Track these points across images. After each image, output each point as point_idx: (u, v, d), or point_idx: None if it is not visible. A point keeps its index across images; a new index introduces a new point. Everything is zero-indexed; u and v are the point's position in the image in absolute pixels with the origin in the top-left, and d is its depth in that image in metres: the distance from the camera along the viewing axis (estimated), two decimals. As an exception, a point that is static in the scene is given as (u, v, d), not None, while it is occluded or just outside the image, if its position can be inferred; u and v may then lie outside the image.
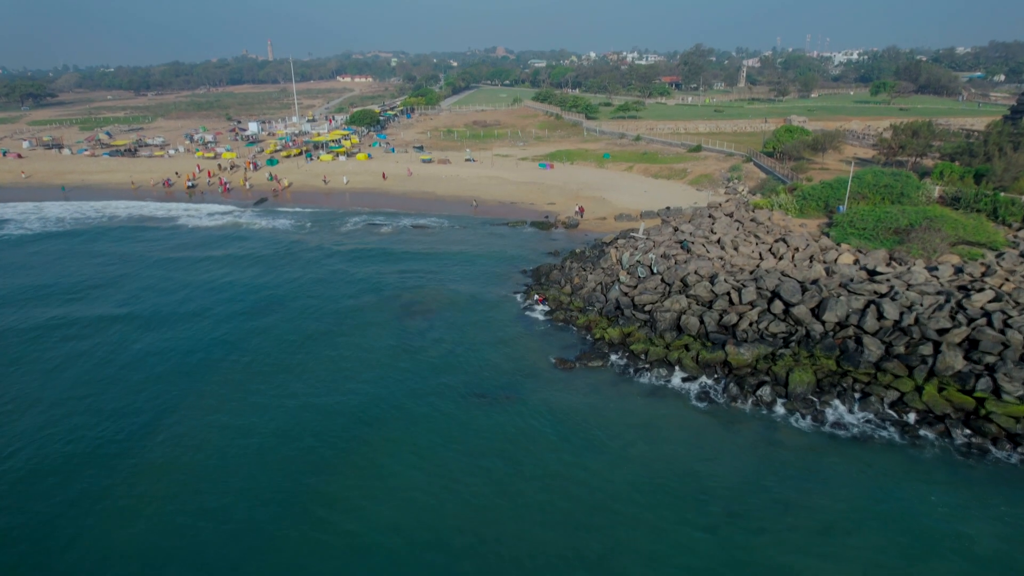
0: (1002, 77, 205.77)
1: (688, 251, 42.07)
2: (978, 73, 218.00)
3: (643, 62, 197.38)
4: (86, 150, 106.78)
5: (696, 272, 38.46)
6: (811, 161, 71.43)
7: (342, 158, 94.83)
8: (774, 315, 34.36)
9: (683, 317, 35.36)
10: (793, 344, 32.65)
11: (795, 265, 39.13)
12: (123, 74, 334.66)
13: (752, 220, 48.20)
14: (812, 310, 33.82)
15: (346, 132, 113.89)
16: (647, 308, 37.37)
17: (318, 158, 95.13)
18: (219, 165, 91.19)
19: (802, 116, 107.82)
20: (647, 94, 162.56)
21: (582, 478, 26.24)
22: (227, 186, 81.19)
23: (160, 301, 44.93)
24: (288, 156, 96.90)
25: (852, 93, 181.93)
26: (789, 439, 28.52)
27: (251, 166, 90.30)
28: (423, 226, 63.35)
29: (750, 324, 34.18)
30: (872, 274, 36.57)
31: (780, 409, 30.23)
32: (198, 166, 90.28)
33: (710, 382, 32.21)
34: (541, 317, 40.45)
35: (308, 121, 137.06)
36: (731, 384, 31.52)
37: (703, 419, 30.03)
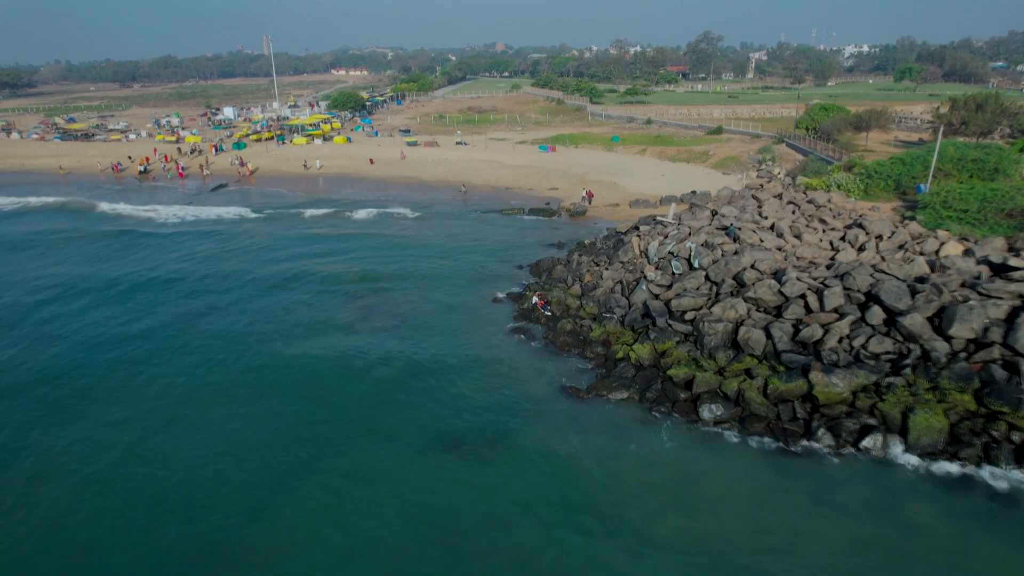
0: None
1: (736, 239, 31.90)
2: (1000, 63, 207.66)
3: (649, 49, 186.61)
4: (35, 134, 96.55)
5: (754, 267, 28.29)
6: (853, 142, 61.28)
7: (318, 141, 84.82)
8: (873, 327, 24.19)
9: (742, 329, 25.19)
10: (906, 370, 22.49)
11: (883, 258, 28.97)
12: (111, 67, 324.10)
13: (810, 202, 38.02)
14: (930, 320, 23.64)
15: (327, 116, 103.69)
16: (688, 316, 27.20)
17: (291, 142, 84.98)
18: (179, 149, 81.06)
19: (825, 103, 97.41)
20: (654, 81, 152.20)
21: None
22: (183, 171, 71.20)
23: (23, 304, 34.80)
24: (259, 140, 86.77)
25: (871, 81, 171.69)
26: (918, 519, 18.43)
27: (214, 150, 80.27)
28: (401, 215, 53.17)
29: (839, 340, 24.02)
30: (1000, 269, 26.40)
31: (898, 469, 20.14)
32: (155, 150, 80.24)
33: (787, 426, 22.11)
34: (541, 328, 30.36)
35: (290, 107, 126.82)
36: (819, 430, 21.41)
37: (778, 484, 19.94)
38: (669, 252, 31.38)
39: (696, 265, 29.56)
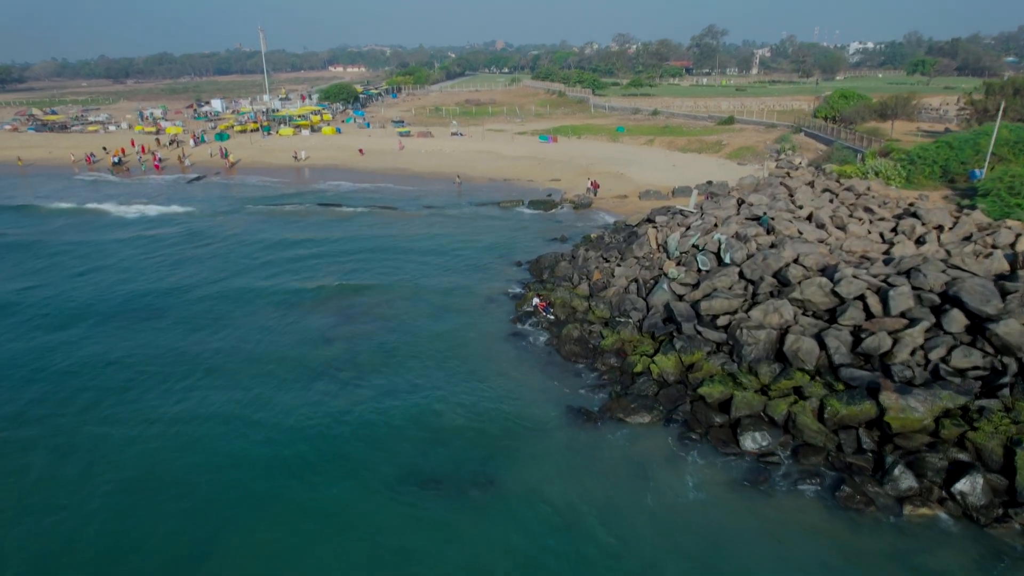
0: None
1: (770, 231, 27.30)
2: (1011, 58, 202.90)
3: (652, 43, 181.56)
4: (8, 125, 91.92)
5: (798, 262, 23.69)
6: (878, 131, 56.64)
7: (305, 132, 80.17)
8: (954, 336, 19.59)
9: (789, 338, 20.60)
10: (1003, 391, 17.89)
11: (949, 252, 24.37)
12: (104, 64, 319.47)
13: (847, 190, 33.44)
14: (1027, 328, 19.02)
15: (318, 108, 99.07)
16: (721, 321, 22.60)
17: (277, 132, 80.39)
18: (157, 140, 76.49)
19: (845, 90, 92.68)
20: (658, 75, 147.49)
21: None
22: (160, 163, 66.67)
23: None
24: (244, 131, 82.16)
25: (881, 75, 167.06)
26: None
27: (193, 141, 75.77)
28: (389, 208, 48.57)
29: (912, 352, 19.43)
30: (1098, 265, 21.80)
31: (1004, 525, 15.56)
32: (132, 141, 75.55)
33: (851, 459, 17.54)
34: (543, 335, 25.78)
35: (281, 99, 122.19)
36: (896, 468, 16.82)
37: (845, 545, 15.36)
38: (693, 245, 26.77)
39: (727, 260, 24.94)
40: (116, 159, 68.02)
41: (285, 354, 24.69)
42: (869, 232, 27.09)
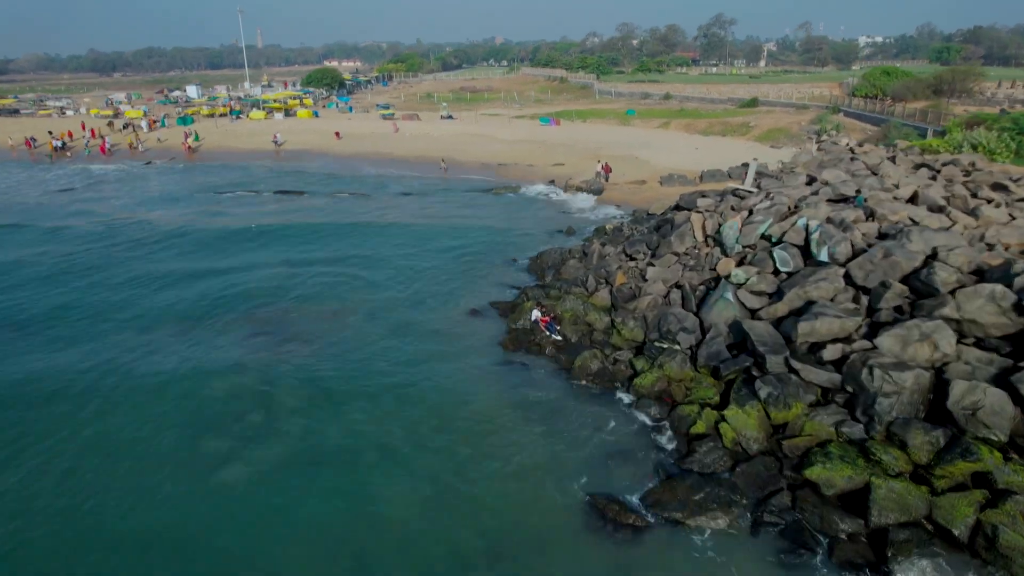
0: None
1: (871, 215, 19.12)
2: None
3: (660, 28, 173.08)
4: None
5: (939, 258, 15.48)
6: (938, 107, 48.53)
7: (279, 116, 71.99)
8: None
9: (955, 387, 12.44)
10: None
11: None
12: (93, 57, 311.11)
13: (949, 165, 25.27)
14: None
15: (298, 93, 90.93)
16: (828, 353, 14.38)
17: (248, 116, 72.25)
18: (110, 124, 68.28)
19: (886, 67, 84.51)
20: (666, 62, 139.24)
21: None
22: (109, 147, 58.60)
23: None
24: (212, 115, 73.97)
25: (900, 65, 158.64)
26: None
27: (154, 124, 67.68)
28: (360, 195, 40.49)
29: None
30: None
31: None
32: (82, 124, 67.33)
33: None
34: (546, 365, 17.66)
35: (263, 87, 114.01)
36: None
37: None
38: (763, 236, 18.60)
39: (822, 257, 16.75)
40: (60, 143, 59.84)
41: (169, 395, 16.54)
42: (1013, 217, 18.95)
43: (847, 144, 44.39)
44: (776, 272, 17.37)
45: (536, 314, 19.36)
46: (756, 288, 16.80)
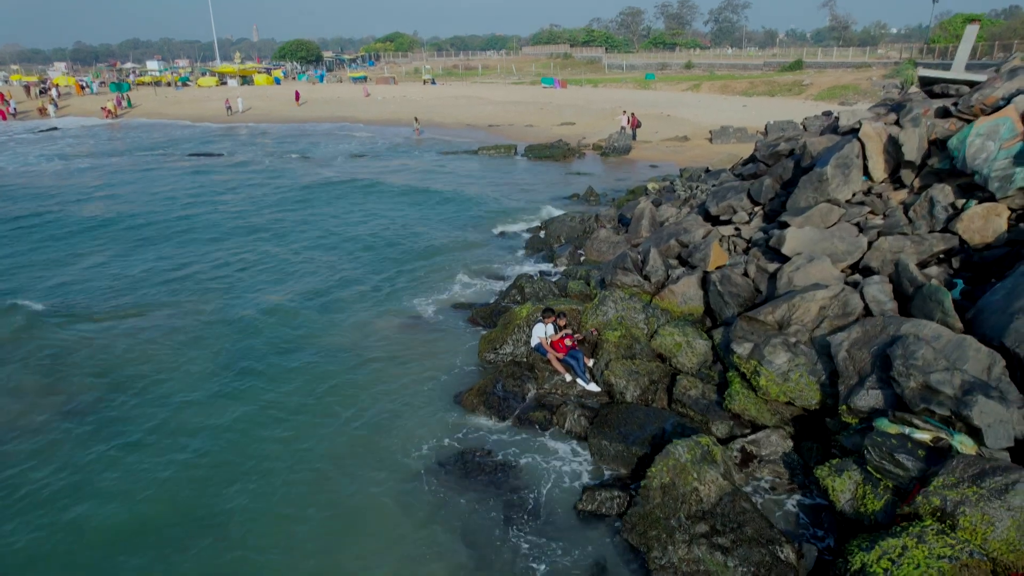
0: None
1: None
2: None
3: (673, 3, 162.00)
4: None
5: None
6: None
7: (233, 82, 61.15)
8: None
9: None
10: None
11: None
12: (76, 48, 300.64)
13: None
14: None
15: (266, 66, 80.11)
16: None
17: (196, 83, 61.46)
18: (26, 88, 57.63)
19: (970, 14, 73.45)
20: (680, 38, 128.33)
21: None
22: (13, 111, 48.06)
23: None
24: (155, 83, 63.13)
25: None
26: None
27: (83, 91, 57.07)
28: (303, 157, 29.61)
29: None
30: None
31: None
32: (-3, 91, 56.63)
33: None
34: (574, 457, 6.68)
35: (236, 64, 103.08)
36: None
37: None
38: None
39: None
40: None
41: None
42: None
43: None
44: None
45: (546, 331, 8.45)
46: None
